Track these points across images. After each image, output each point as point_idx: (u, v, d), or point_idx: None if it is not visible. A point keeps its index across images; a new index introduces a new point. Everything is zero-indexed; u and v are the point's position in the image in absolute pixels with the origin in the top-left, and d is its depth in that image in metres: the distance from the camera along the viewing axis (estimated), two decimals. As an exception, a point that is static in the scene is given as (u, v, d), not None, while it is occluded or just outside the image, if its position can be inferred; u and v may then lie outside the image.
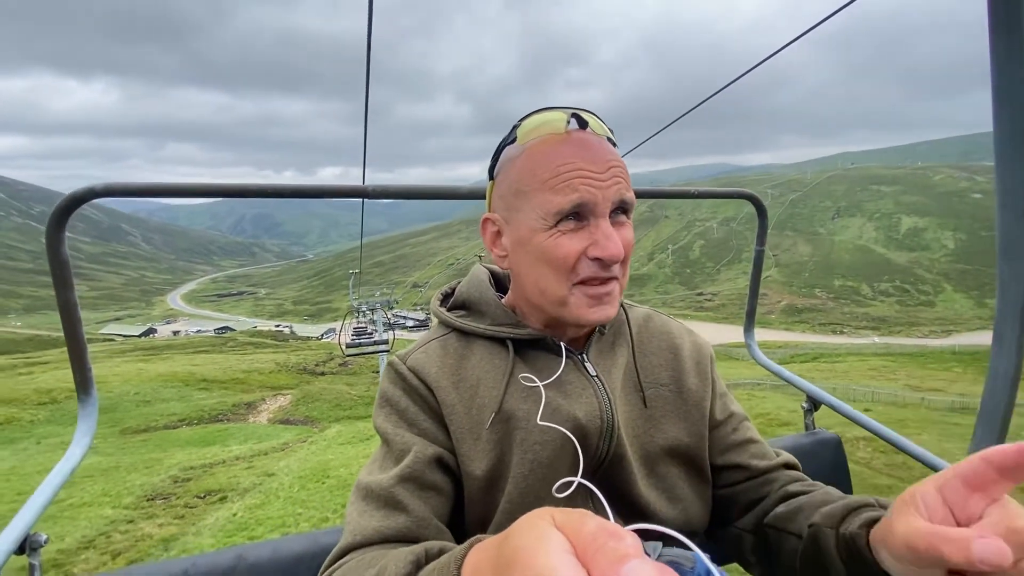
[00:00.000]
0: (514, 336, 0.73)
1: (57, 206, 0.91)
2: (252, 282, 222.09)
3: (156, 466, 10.31)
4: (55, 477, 0.95)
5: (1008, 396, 0.98)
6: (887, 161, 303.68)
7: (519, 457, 0.68)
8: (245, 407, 20.37)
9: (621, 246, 0.65)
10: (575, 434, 0.68)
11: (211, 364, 28.35)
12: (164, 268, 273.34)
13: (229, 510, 7.40)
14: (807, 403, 1.34)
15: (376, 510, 0.64)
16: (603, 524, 0.28)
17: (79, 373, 1.03)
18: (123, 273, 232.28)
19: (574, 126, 0.67)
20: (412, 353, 0.75)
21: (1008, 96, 0.79)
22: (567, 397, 0.71)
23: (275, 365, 29.91)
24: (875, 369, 28.21)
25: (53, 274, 0.94)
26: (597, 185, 0.64)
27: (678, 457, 0.77)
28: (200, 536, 6.52)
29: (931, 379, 25.00)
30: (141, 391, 20.46)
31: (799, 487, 0.73)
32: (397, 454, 0.68)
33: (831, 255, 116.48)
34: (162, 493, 8.49)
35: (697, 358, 0.82)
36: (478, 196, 1.11)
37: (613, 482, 0.72)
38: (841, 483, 1.21)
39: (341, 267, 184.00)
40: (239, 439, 14.06)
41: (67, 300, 0.96)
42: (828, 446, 1.27)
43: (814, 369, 31.95)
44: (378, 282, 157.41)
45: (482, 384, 0.72)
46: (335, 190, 1.12)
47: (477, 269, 0.84)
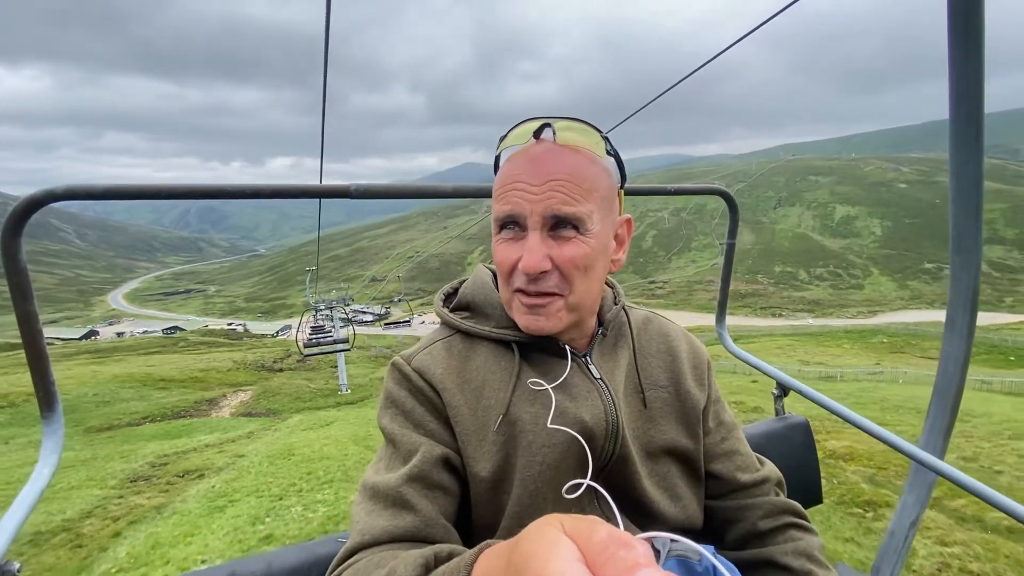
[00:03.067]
0: (519, 339, 0.74)
1: (13, 211, 0.85)
2: (200, 279, 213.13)
3: (131, 455, 11.26)
4: (25, 499, 0.89)
5: (959, 377, 1.04)
6: (825, 152, 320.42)
7: (527, 460, 0.69)
8: (207, 403, 20.95)
9: (540, 260, 0.65)
10: (583, 436, 0.69)
11: (167, 364, 28.40)
12: (101, 266, 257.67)
13: (208, 483, 8.62)
14: (777, 389, 1.37)
15: (384, 509, 0.65)
16: (614, 532, 0.28)
17: (42, 389, 0.96)
18: (56, 272, 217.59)
19: (544, 136, 0.68)
20: (417, 354, 0.75)
21: (964, 99, 0.82)
22: (573, 400, 0.72)
23: (232, 363, 30.19)
24: (780, 348, 31.92)
25: (10, 284, 0.88)
26: (527, 198, 0.65)
27: (676, 457, 0.79)
28: (187, 503, 7.75)
29: (821, 354, 28.77)
30: (99, 392, 20.68)
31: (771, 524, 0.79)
32: (404, 454, 0.68)
33: (772, 243, 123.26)
34: (143, 476, 9.57)
35: (695, 362, 0.85)
36: (464, 194, 1.10)
37: (618, 482, 0.74)
38: (810, 463, 1.30)
39: (295, 262, 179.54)
40: (205, 431, 14.96)
41: (26, 311, 0.90)
42: (798, 430, 1.31)
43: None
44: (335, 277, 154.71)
45: (487, 386, 0.72)
46: (315, 191, 1.07)
47: (480, 270, 0.84)
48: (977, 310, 1.01)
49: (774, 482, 0.84)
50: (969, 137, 0.85)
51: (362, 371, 29.56)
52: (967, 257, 0.96)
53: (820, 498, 1.32)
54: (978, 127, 0.84)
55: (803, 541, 0.76)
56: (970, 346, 1.03)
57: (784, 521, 0.79)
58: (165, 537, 6.36)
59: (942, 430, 1.10)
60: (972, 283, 0.98)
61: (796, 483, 1.21)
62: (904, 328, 41.53)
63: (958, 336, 1.02)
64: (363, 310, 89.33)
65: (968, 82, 0.80)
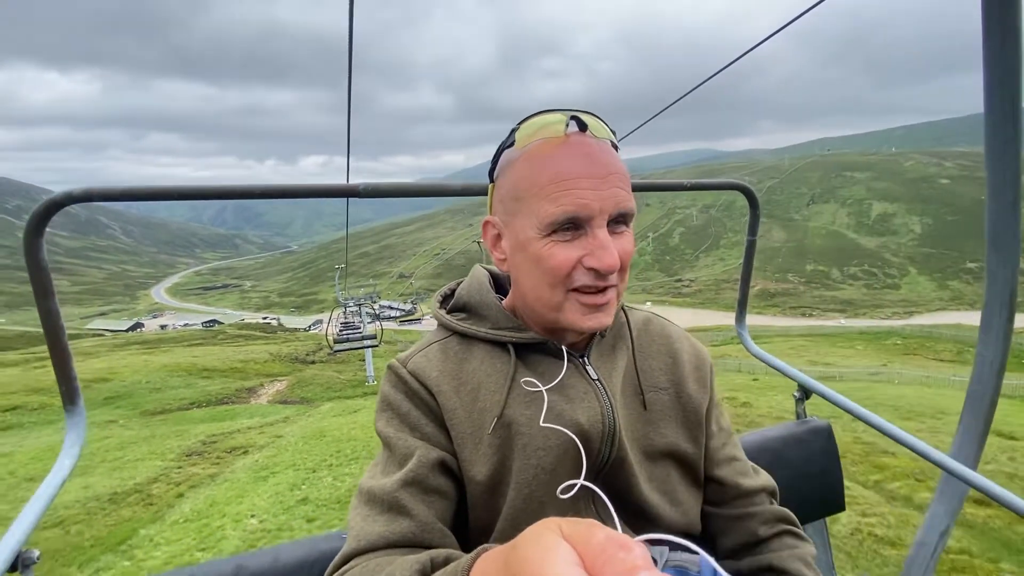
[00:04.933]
0: (515, 340, 0.73)
1: (34, 212, 0.86)
2: (237, 274, 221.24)
3: (184, 435, 12.70)
4: (45, 491, 0.89)
5: (994, 383, 0.99)
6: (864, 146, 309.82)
7: (522, 462, 0.68)
8: (247, 391, 22.69)
9: (617, 257, 0.63)
10: (579, 438, 0.68)
11: (209, 355, 30.50)
12: (146, 261, 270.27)
13: (252, 458, 9.89)
14: (798, 392, 1.33)
15: (380, 515, 0.64)
16: (612, 535, 0.28)
17: (64, 384, 0.97)
18: (104, 267, 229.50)
19: (573, 129, 0.64)
20: (413, 356, 0.75)
21: (999, 92, 0.79)
22: (570, 401, 0.71)
23: (269, 355, 32.13)
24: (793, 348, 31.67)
25: (33, 282, 0.89)
26: (594, 196, 0.62)
27: (676, 460, 0.78)
28: (235, 473, 9.00)
29: (832, 355, 28.60)
30: (151, 380, 22.65)
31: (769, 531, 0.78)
32: (400, 458, 0.68)
33: (804, 240, 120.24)
34: (196, 451, 10.92)
35: (697, 364, 0.83)
36: (471, 193, 1.12)
37: (616, 485, 0.72)
38: (832, 469, 1.24)
39: (326, 258, 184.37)
40: (246, 416, 16.46)
41: (48, 309, 0.90)
42: (820, 434, 1.26)
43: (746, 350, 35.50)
44: (364, 273, 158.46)
45: (483, 388, 0.71)
46: (324, 190, 1.08)
47: (477, 271, 0.84)
48: (1015, 311, 0.97)
49: (769, 491, 0.84)
50: (1006, 130, 0.82)
51: (388, 364, 31.04)
52: (1004, 255, 0.92)
53: (843, 505, 1.26)
54: (1016, 119, 0.81)
55: (799, 548, 0.77)
56: (1007, 350, 0.98)
57: (781, 528, 0.80)
58: (220, 498, 7.59)
59: (975, 438, 1.05)
60: (1010, 282, 0.93)
61: (817, 489, 1.18)
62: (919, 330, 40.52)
63: (994, 339, 0.97)
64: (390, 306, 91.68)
65: (1004, 73, 0.78)
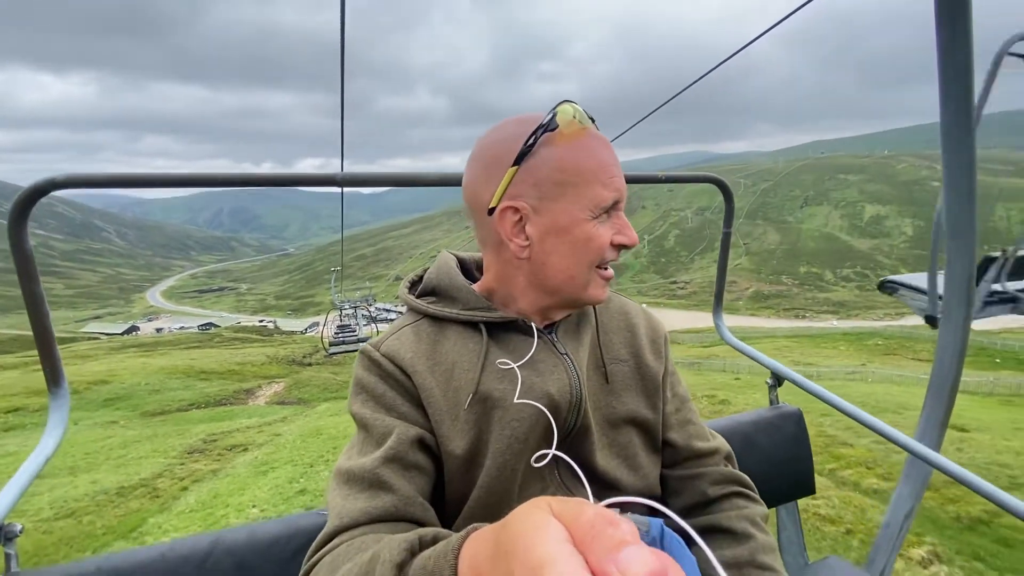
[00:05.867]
0: (486, 319, 0.76)
1: (17, 199, 0.88)
2: (232, 277, 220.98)
3: (186, 434, 13.11)
4: (29, 466, 0.92)
5: (955, 371, 1.02)
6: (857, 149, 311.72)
7: (497, 434, 0.71)
8: (244, 393, 23.02)
9: None
10: (549, 409, 0.72)
11: (206, 358, 30.77)
12: (141, 264, 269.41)
13: (252, 455, 10.32)
14: (771, 379, 1.37)
15: (360, 492, 0.65)
16: (600, 512, 0.29)
17: (48, 365, 0.99)
18: (99, 270, 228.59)
19: (589, 123, 0.71)
20: (385, 340, 0.77)
21: (953, 84, 0.82)
22: (540, 375, 0.74)
23: (265, 358, 32.41)
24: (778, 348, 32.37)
25: (18, 268, 0.91)
26: (621, 183, 0.71)
27: (637, 427, 0.82)
28: (236, 468, 9.44)
29: (815, 355, 29.31)
30: (150, 382, 22.94)
31: (719, 491, 0.82)
32: (378, 437, 0.69)
33: (798, 243, 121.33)
34: (198, 449, 11.34)
35: (652, 336, 0.88)
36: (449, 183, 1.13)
37: (579, 452, 0.76)
38: (802, 453, 1.29)
39: (323, 261, 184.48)
40: (244, 417, 16.85)
41: (33, 292, 0.93)
42: (790, 419, 1.31)
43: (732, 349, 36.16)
44: (360, 276, 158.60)
45: (457, 367, 0.74)
46: (305, 179, 1.10)
47: (444, 256, 0.86)
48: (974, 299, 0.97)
49: (723, 454, 0.87)
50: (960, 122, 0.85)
51: (384, 366, 31.40)
52: (962, 242, 0.93)
53: (813, 488, 1.32)
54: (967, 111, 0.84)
55: (748, 509, 0.80)
56: (966, 338, 0.98)
57: (731, 490, 0.82)
58: (223, 490, 8.03)
59: (937, 423, 1.08)
60: (967, 269, 0.94)
61: (788, 473, 1.22)
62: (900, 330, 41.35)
63: (954, 327, 0.98)
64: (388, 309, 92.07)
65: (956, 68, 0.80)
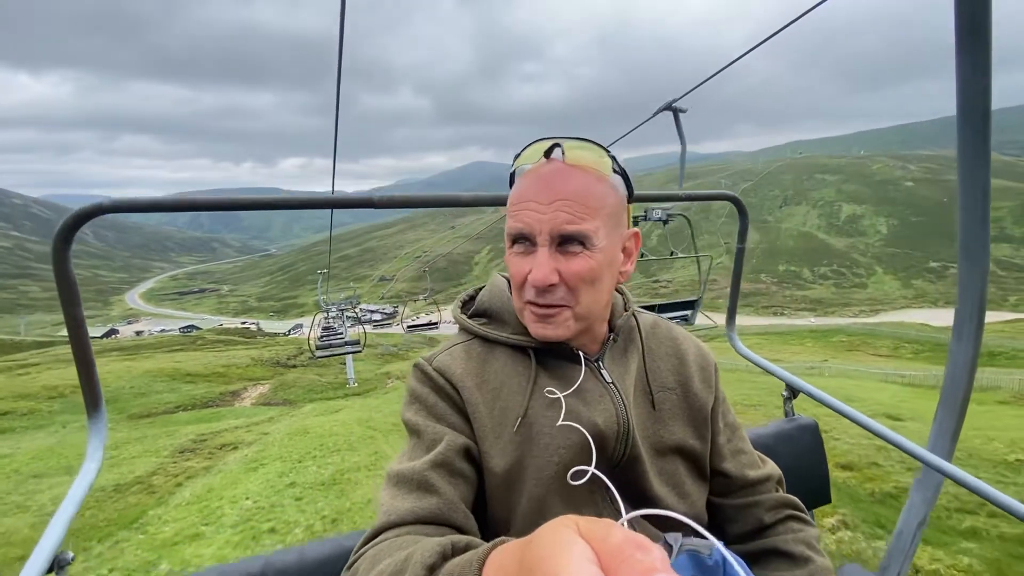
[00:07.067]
0: (535, 345, 0.78)
1: (62, 223, 0.88)
2: (214, 279, 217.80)
3: (175, 434, 13.51)
4: (75, 493, 0.94)
5: (966, 383, 1.06)
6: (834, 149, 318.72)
7: (543, 460, 0.73)
8: (230, 395, 23.28)
9: (547, 274, 0.69)
10: (595, 439, 0.73)
11: (191, 360, 30.82)
12: (119, 266, 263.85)
13: (242, 452, 10.81)
14: (787, 391, 1.38)
15: (409, 493, 0.68)
16: (630, 535, 0.28)
17: (88, 390, 1.01)
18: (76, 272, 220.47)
19: (556, 155, 0.72)
20: (438, 355, 0.81)
21: (971, 109, 0.82)
22: (587, 404, 0.76)
23: (250, 360, 32.55)
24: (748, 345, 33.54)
25: (60, 292, 0.93)
26: (536, 217, 0.70)
27: (684, 456, 0.83)
28: (228, 465, 9.95)
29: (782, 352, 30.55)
30: (135, 385, 23.09)
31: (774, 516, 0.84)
32: (428, 443, 0.73)
33: (777, 242, 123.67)
34: (189, 448, 11.78)
35: (702, 364, 0.89)
36: (482, 203, 1.17)
37: (628, 479, 0.77)
38: (819, 463, 1.32)
39: (306, 262, 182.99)
40: (231, 418, 17.26)
41: (75, 317, 0.94)
42: (806, 431, 1.33)
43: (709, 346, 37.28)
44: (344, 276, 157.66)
45: (504, 388, 0.77)
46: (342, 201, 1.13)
47: (497, 279, 0.89)
48: (984, 318, 1.04)
49: (776, 479, 0.89)
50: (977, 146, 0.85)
51: (369, 367, 31.83)
52: (975, 266, 0.97)
53: (829, 497, 1.34)
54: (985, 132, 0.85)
55: (803, 532, 0.83)
56: (977, 352, 1.04)
57: (786, 514, 0.85)
58: (216, 485, 8.57)
59: (949, 433, 1.13)
60: (980, 292, 0.98)
61: (805, 483, 1.27)
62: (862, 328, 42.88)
63: (966, 343, 1.03)
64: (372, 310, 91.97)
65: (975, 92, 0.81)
